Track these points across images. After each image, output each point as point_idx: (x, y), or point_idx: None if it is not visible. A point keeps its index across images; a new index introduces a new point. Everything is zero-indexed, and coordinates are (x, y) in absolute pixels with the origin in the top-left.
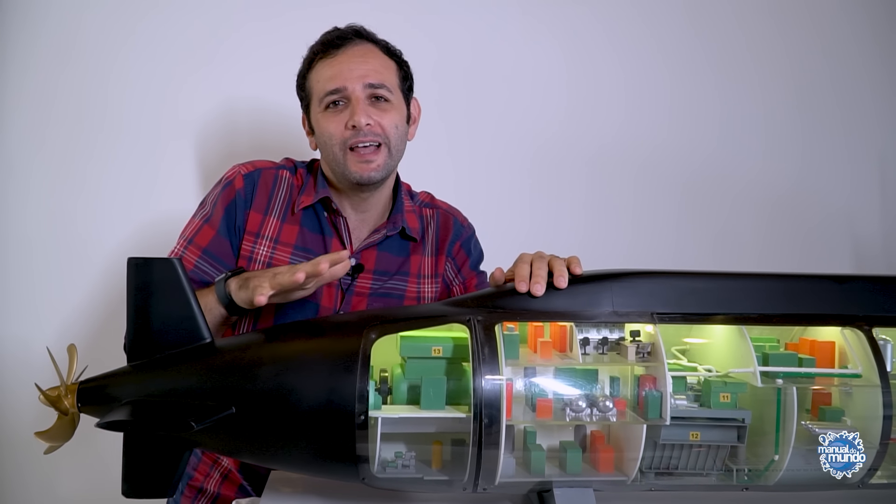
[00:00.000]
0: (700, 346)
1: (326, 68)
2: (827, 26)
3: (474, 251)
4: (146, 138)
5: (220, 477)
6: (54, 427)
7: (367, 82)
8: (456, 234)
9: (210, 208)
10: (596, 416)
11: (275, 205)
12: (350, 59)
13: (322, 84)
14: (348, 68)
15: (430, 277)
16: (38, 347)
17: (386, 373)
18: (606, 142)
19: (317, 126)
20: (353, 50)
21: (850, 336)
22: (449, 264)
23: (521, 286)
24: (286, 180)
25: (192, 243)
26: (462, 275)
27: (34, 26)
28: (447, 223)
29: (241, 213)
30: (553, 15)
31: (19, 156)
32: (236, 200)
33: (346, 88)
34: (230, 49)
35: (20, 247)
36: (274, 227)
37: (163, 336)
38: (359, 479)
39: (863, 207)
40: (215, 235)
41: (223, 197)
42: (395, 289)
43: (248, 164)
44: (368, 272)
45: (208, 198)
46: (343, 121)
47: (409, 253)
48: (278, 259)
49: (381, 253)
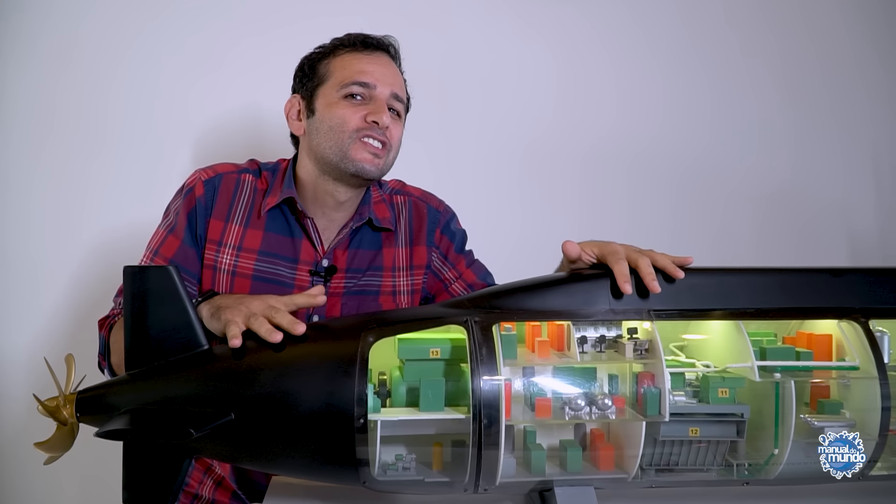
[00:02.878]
0: (697, 341)
1: (358, 62)
2: (819, 21)
3: (457, 234)
4: (145, 146)
5: (214, 484)
6: (53, 437)
7: (394, 91)
8: (433, 222)
9: (173, 217)
10: (595, 414)
11: (237, 211)
12: (382, 66)
13: (350, 73)
14: (381, 71)
15: (405, 269)
16: (35, 357)
17: (384, 375)
18: (600, 139)
19: (326, 109)
20: (384, 59)
21: (847, 328)
22: (434, 254)
23: (626, 287)
24: (249, 184)
25: (158, 254)
26: (450, 260)
27: (33, 34)
28: (421, 211)
29: (202, 220)
30: (544, 13)
31: (18, 164)
32: (196, 208)
33: (376, 86)
34: (229, 56)
35: (18, 256)
36: (236, 234)
37: (160, 344)
38: (359, 483)
39: (857, 200)
40: (180, 245)
41: (185, 205)
42: (369, 285)
43: (209, 169)
44: (341, 272)
45: (171, 206)
46: (362, 113)
47: (381, 245)
48: (242, 266)
49: (353, 250)
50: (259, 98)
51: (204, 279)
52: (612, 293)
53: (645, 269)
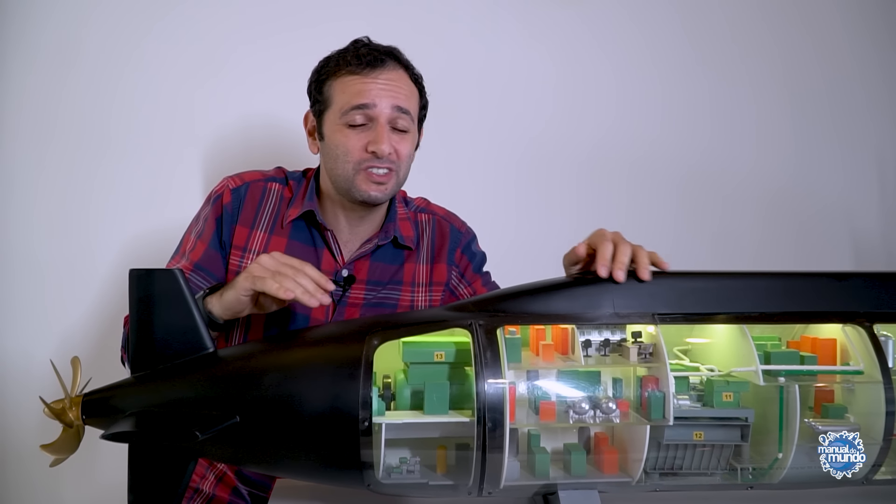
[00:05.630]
0: (702, 345)
1: (356, 83)
2: (820, 21)
3: (477, 255)
4: (150, 150)
5: (215, 479)
6: (59, 440)
7: (396, 104)
8: (455, 241)
9: (202, 224)
10: (599, 417)
11: (262, 218)
12: (382, 82)
13: (348, 96)
14: (379, 88)
15: (424, 286)
16: (41, 360)
17: (389, 379)
18: (600, 140)
19: (331, 137)
20: (386, 74)
21: (852, 333)
22: (453, 272)
23: (602, 271)
24: (276, 192)
25: (186, 258)
26: (466, 278)
27: (37, 35)
28: (444, 230)
29: (228, 227)
30: (544, 17)
31: (22, 167)
32: (223, 216)
33: (375, 106)
34: (234, 60)
35: (23, 259)
36: (261, 240)
37: (166, 346)
38: (364, 486)
39: (860, 201)
40: (206, 249)
41: (213, 212)
42: (388, 298)
43: (236, 178)
44: (361, 282)
45: (200, 213)
46: (363, 141)
47: (402, 261)
48: None
49: (375, 263)
50: (266, 102)
51: None
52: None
53: (621, 257)
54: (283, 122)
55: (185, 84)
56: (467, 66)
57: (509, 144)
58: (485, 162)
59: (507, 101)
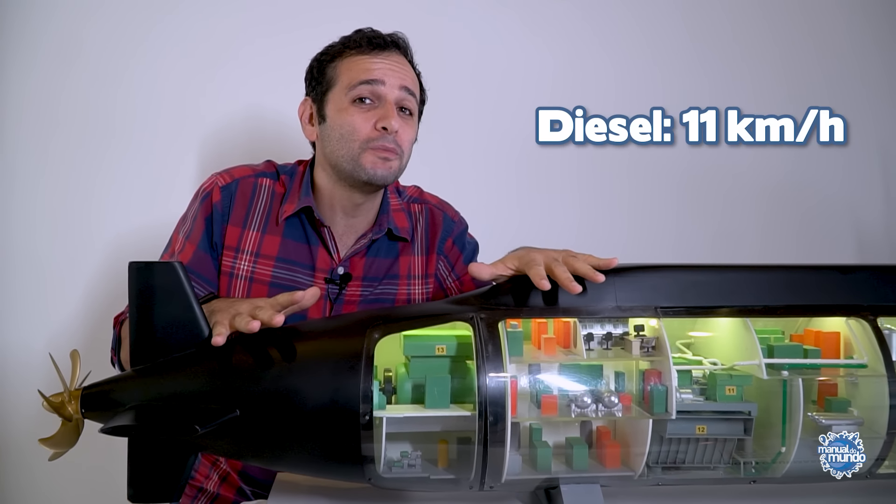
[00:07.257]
0: (704, 339)
1: (364, 61)
2: (822, 10)
3: (468, 247)
4: (150, 144)
5: (219, 479)
6: (58, 433)
7: (404, 85)
8: (447, 231)
9: (190, 224)
10: (601, 411)
11: (254, 216)
12: (391, 62)
13: (356, 73)
14: (389, 67)
15: (420, 277)
16: (41, 353)
17: (390, 372)
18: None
19: (335, 117)
20: (393, 56)
21: (855, 326)
22: (441, 262)
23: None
24: (267, 188)
25: (174, 259)
26: (456, 272)
27: (38, 33)
28: (436, 219)
29: (219, 228)
30: (543, 10)
31: (24, 164)
32: (213, 215)
33: (384, 84)
34: (237, 57)
35: (23, 252)
36: (254, 240)
37: (165, 340)
38: (365, 480)
39: (864, 194)
40: (196, 251)
41: (201, 211)
42: (385, 294)
43: (225, 174)
44: (357, 279)
45: (188, 212)
46: (372, 119)
47: (398, 254)
48: (260, 272)
49: (370, 258)
50: (267, 99)
51: (221, 286)
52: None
53: (561, 275)
54: (286, 120)
55: (186, 82)
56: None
57: (508, 140)
58: (486, 157)
59: (506, 97)
